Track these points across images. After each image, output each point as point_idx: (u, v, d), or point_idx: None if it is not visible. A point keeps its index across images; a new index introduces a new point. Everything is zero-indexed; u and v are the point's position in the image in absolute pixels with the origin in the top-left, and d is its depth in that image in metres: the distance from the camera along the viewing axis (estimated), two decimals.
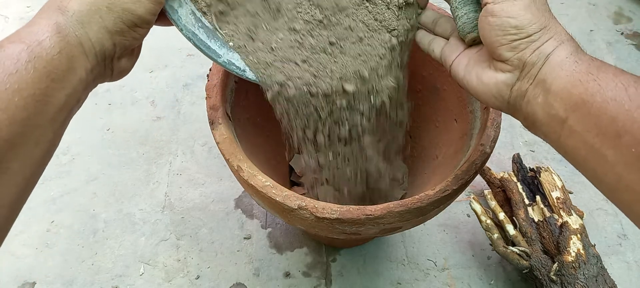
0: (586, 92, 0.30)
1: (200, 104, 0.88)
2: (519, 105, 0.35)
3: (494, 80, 0.36)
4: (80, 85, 0.34)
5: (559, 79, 0.32)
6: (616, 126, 0.29)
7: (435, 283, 0.67)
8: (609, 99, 0.29)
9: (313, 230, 0.51)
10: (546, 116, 0.33)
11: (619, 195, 0.30)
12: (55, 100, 0.32)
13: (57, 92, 0.32)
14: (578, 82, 0.31)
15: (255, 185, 0.46)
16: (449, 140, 0.61)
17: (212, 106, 0.52)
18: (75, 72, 0.33)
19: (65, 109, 0.33)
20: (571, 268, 0.58)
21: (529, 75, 0.34)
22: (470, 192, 0.76)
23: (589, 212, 0.74)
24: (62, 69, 0.32)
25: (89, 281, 0.66)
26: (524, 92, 0.34)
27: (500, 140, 0.53)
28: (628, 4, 1.11)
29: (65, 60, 0.32)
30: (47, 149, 0.33)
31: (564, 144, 0.33)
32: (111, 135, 0.84)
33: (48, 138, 0.32)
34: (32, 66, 0.30)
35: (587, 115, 0.30)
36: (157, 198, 0.75)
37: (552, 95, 0.32)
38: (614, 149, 0.29)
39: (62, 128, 0.34)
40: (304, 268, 0.68)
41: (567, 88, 0.31)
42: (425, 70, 0.64)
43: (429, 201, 0.45)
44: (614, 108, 0.29)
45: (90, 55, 0.34)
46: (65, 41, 0.32)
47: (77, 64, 0.33)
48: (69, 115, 0.34)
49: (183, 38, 0.44)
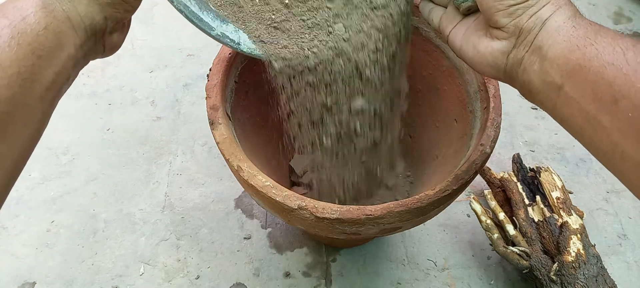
0: (583, 57, 0.30)
1: (200, 104, 0.88)
2: (516, 74, 0.35)
3: (490, 49, 0.35)
4: (69, 62, 0.32)
5: (555, 45, 0.31)
6: (613, 91, 0.28)
7: (435, 283, 0.67)
8: (606, 64, 0.29)
9: (313, 230, 0.51)
10: (542, 83, 0.33)
11: (614, 163, 0.30)
12: (42, 79, 0.30)
13: (44, 69, 0.30)
14: (575, 47, 0.30)
15: (255, 185, 0.46)
16: (449, 140, 0.61)
17: (212, 106, 0.52)
18: (63, 49, 0.32)
19: (54, 88, 0.32)
20: (571, 268, 0.58)
21: (525, 42, 0.33)
22: (470, 192, 0.76)
23: (589, 212, 0.74)
24: (49, 45, 0.30)
25: (89, 281, 0.66)
26: (520, 60, 0.34)
27: (500, 140, 0.53)
28: (628, 4, 1.11)
29: (52, 36, 0.31)
30: (36, 129, 0.32)
31: (560, 112, 0.32)
32: (111, 135, 0.84)
33: (36, 118, 0.31)
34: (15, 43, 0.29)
35: (584, 81, 0.30)
36: (157, 198, 0.75)
37: (548, 62, 0.32)
38: (610, 115, 0.28)
39: (51, 107, 0.33)
40: (304, 268, 0.68)
41: (563, 54, 0.31)
42: (425, 70, 0.64)
43: (429, 201, 0.45)
44: (611, 72, 0.28)
45: (79, 30, 0.33)
46: (51, 16, 0.31)
47: (65, 39, 0.32)
48: (59, 94, 0.33)
49: (183, 38, 0.43)
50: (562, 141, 0.84)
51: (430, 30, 0.61)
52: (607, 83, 0.28)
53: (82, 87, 0.90)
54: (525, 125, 0.87)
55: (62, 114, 0.86)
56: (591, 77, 0.29)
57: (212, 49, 0.98)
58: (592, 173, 0.80)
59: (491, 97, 0.52)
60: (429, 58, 0.62)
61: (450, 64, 0.60)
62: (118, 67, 0.94)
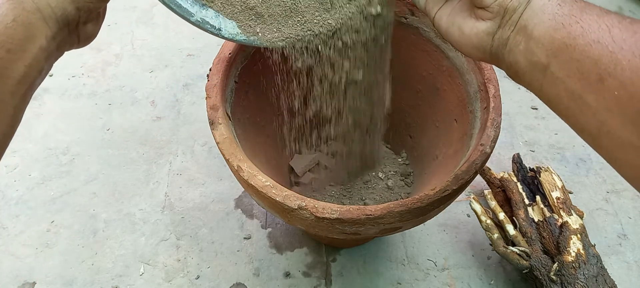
0: (569, 35, 0.29)
1: (200, 104, 0.88)
2: (502, 55, 0.34)
3: (475, 30, 0.35)
4: (41, 55, 0.31)
5: (540, 24, 0.31)
6: (599, 69, 0.28)
7: (435, 283, 0.67)
8: (591, 42, 0.28)
9: (313, 230, 0.51)
10: (528, 64, 0.32)
11: (600, 142, 0.29)
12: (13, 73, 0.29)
13: (14, 63, 0.29)
14: (560, 25, 0.30)
15: (255, 185, 0.46)
16: (449, 140, 0.61)
17: (212, 106, 0.52)
18: (34, 41, 0.31)
19: (26, 81, 0.31)
20: (571, 268, 0.58)
21: (510, 22, 0.33)
22: (470, 192, 0.76)
23: (589, 212, 0.74)
24: (18, 38, 0.30)
25: (89, 281, 0.66)
26: (505, 41, 0.33)
27: (500, 140, 0.53)
28: (628, 4, 1.11)
29: (22, 29, 0.30)
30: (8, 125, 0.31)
31: (546, 92, 0.32)
32: (111, 135, 0.84)
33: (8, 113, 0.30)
34: None
35: (569, 60, 0.29)
36: (157, 198, 0.75)
37: (533, 41, 0.31)
38: (596, 94, 0.28)
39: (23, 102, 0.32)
40: (304, 268, 0.68)
41: (548, 32, 0.30)
42: (425, 70, 0.64)
43: (429, 201, 0.45)
44: (597, 51, 0.28)
45: (50, 22, 0.32)
46: (20, 8, 0.30)
47: (35, 31, 0.31)
48: (31, 88, 0.32)
49: (183, 38, 0.43)
50: (562, 141, 0.84)
51: (431, 30, 0.61)
52: (592, 61, 0.28)
53: (82, 87, 0.90)
54: (525, 125, 0.87)
55: (62, 114, 0.86)
56: (576, 55, 0.29)
57: (212, 48, 0.98)
58: (592, 173, 0.80)
59: (491, 97, 0.52)
60: (429, 58, 0.62)
61: (450, 64, 0.60)
62: (118, 67, 0.94)
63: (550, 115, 0.88)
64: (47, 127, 0.83)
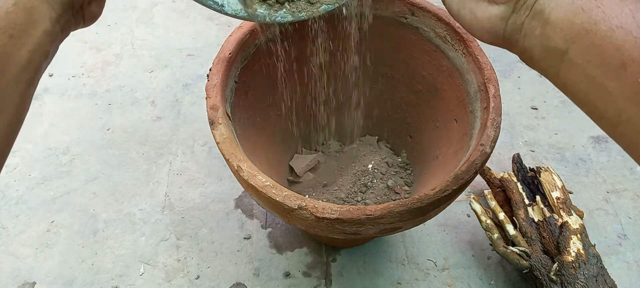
0: (589, 20, 0.28)
1: (200, 104, 0.88)
2: (515, 40, 0.33)
3: (487, 14, 0.34)
4: (45, 39, 0.30)
5: (558, 8, 0.30)
6: (621, 56, 0.27)
7: (435, 283, 0.67)
8: (614, 27, 0.27)
9: (313, 230, 0.51)
10: (544, 49, 0.31)
11: (619, 130, 0.29)
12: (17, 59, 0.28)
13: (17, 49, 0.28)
14: (580, 10, 0.29)
15: (255, 185, 0.46)
16: (449, 140, 0.61)
17: (212, 106, 0.52)
18: (37, 25, 0.30)
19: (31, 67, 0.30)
20: (571, 268, 0.58)
21: (525, 6, 0.31)
22: (470, 192, 0.76)
23: (589, 212, 0.74)
24: (21, 22, 0.29)
25: (89, 281, 0.66)
26: (520, 26, 0.32)
27: (500, 140, 0.53)
28: None
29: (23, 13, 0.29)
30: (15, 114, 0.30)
31: (563, 78, 0.31)
32: (111, 135, 0.84)
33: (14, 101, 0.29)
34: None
35: (590, 46, 0.28)
36: (157, 198, 0.75)
37: (550, 27, 0.30)
38: (617, 80, 0.27)
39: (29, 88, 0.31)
40: (304, 268, 0.68)
41: (567, 17, 0.29)
42: (425, 70, 0.64)
43: (429, 201, 0.45)
44: (620, 36, 0.27)
45: (54, 3, 0.31)
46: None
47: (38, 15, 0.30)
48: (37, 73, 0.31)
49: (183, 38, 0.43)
50: (562, 141, 0.84)
51: (430, 30, 0.61)
52: (615, 47, 0.27)
53: (82, 87, 0.90)
54: (525, 125, 0.87)
55: (62, 114, 0.86)
56: (598, 41, 0.28)
57: (212, 48, 0.98)
58: (592, 173, 0.80)
59: (491, 97, 0.52)
60: (429, 58, 0.62)
61: (450, 64, 0.60)
62: (118, 67, 0.94)
63: (550, 115, 0.88)
64: (47, 127, 0.83)
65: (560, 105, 0.89)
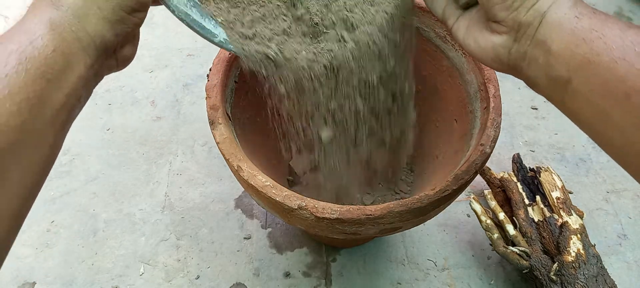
0: (591, 51, 0.29)
1: (200, 104, 0.88)
2: (520, 68, 0.33)
3: (490, 43, 0.34)
4: (80, 83, 0.32)
5: (559, 39, 0.30)
6: (625, 87, 0.27)
7: (435, 283, 0.67)
8: (617, 59, 0.28)
9: (313, 230, 0.51)
10: (548, 78, 0.31)
11: (627, 159, 0.29)
12: (53, 102, 0.30)
13: (54, 92, 0.30)
14: (581, 41, 0.29)
15: (255, 185, 0.46)
16: (449, 140, 0.61)
17: (212, 106, 0.52)
18: (72, 70, 0.31)
19: (65, 110, 0.31)
20: (571, 268, 0.58)
21: (526, 36, 0.32)
22: (470, 192, 0.76)
23: (589, 212, 0.74)
24: (58, 67, 0.30)
25: (89, 281, 0.66)
26: (523, 55, 0.33)
27: (500, 140, 0.53)
28: (628, 4, 1.11)
29: (61, 58, 0.30)
30: (49, 153, 0.31)
31: (569, 107, 0.31)
32: (111, 135, 0.84)
33: (48, 142, 0.31)
34: (23, 68, 0.28)
35: (593, 76, 0.29)
36: (157, 198, 0.75)
37: (553, 57, 0.31)
38: (622, 110, 0.28)
39: (63, 129, 0.32)
40: (304, 268, 0.68)
41: (569, 47, 0.30)
42: (425, 70, 0.64)
43: (429, 201, 0.45)
44: (623, 69, 0.27)
45: (89, 50, 0.32)
46: (60, 38, 0.30)
47: (74, 60, 0.31)
48: (71, 116, 0.32)
49: (183, 38, 0.43)
50: (562, 141, 0.84)
51: (430, 30, 0.61)
52: (618, 79, 0.27)
53: None
54: (525, 125, 0.87)
55: None
56: (601, 71, 0.28)
57: (212, 48, 0.98)
58: (592, 173, 0.80)
59: (491, 97, 0.52)
60: (429, 58, 0.62)
61: (450, 64, 0.60)
62: None
63: (550, 115, 0.88)
64: None
65: None
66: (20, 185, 0.29)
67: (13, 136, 0.27)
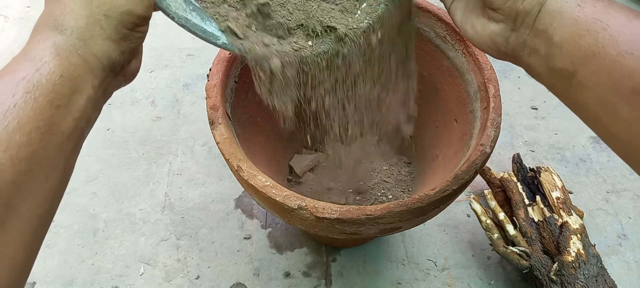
0: (596, 44, 0.27)
1: (200, 104, 0.88)
2: (520, 56, 0.32)
3: (487, 30, 0.33)
4: (88, 105, 0.31)
5: (561, 29, 0.29)
6: (633, 82, 0.26)
7: (435, 283, 0.67)
8: (624, 52, 0.26)
9: (313, 230, 0.51)
10: (550, 70, 0.30)
11: (634, 154, 0.28)
12: (62, 128, 0.29)
13: (63, 118, 0.29)
14: (585, 32, 0.28)
15: (255, 185, 0.46)
16: (449, 140, 0.61)
17: (212, 106, 0.52)
18: (81, 93, 0.30)
19: (75, 134, 0.30)
20: (571, 268, 0.58)
21: (524, 24, 0.31)
22: (470, 192, 0.76)
23: (589, 212, 0.74)
24: (66, 93, 0.29)
25: (89, 281, 0.66)
26: (522, 44, 0.31)
27: (500, 140, 0.53)
28: (628, 4, 1.11)
29: (69, 83, 0.29)
30: (60, 179, 0.31)
31: (572, 99, 0.30)
32: (111, 135, 0.84)
33: (59, 168, 0.30)
34: (31, 97, 0.27)
35: (599, 69, 0.27)
36: (157, 198, 0.75)
37: (555, 47, 0.29)
38: (629, 106, 0.26)
39: (73, 153, 0.31)
40: (304, 268, 0.68)
41: (572, 39, 0.28)
42: (425, 70, 0.64)
43: (429, 201, 0.45)
44: (630, 63, 0.26)
45: (97, 71, 0.31)
46: (67, 62, 0.29)
47: (82, 84, 0.30)
48: (80, 139, 0.32)
49: (183, 38, 0.43)
50: (562, 141, 0.84)
51: (430, 30, 0.61)
52: (625, 73, 0.26)
53: None
54: (525, 125, 0.87)
55: None
56: (607, 65, 0.27)
57: (212, 48, 0.98)
58: (592, 173, 0.80)
59: (491, 97, 0.52)
60: (429, 58, 0.62)
61: (450, 64, 0.60)
62: None
63: (550, 115, 0.88)
64: None
65: (560, 105, 0.89)
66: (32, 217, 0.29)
67: (23, 167, 0.27)
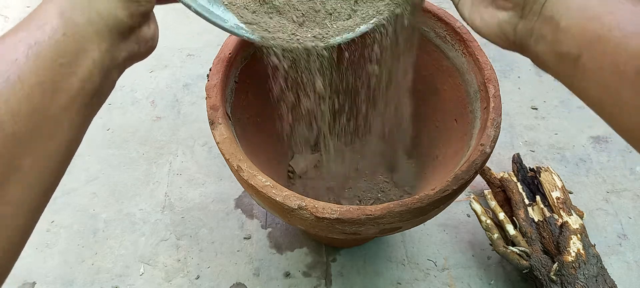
0: (602, 27, 0.28)
1: (200, 104, 0.88)
2: (527, 45, 0.33)
3: (496, 19, 0.34)
4: (95, 68, 0.31)
5: (568, 14, 0.29)
6: (636, 63, 0.26)
7: (435, 283, 0.67)
8: (629, 34, 0.27)
9: (313, 230, 0.51)
10: (557, 55, 0.31)
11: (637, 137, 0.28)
12: (66, 87, 0.29)
13: (67, 77, 0.29)
14: (591, 16, 0.28)
15: (255, 185, 0.46)
16: (449, 140, 0.61)
17: (212, 106, 0.52)
18: (86, 54, 0.30)
19: (80, 96, 0.30)
20: (571, 268, 0.58)
21: (532, 12, 0.31)
22: (470, 192, 0.76)
23: (589, 212, 0.74)
24: (70, 51, 0.29)
25: (89, 281, 0.66)
26: (530, 31, 0.32)
27: (500, 140, 0.53)
28: None
29: (73, 42, 0.29)
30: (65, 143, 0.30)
31: (578, 85, 0.30)
32: (111, 135, 0.84)
33: (63, 130, 0.29)
34: (33, 52, 0.27)
35: (603, 53, 0.28)
36: (157, 198, 0.75)
37: (562, 33, 0.30)
38: (633, 89, 0.27)
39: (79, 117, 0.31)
40: (304, 268, 0.68)
41: (579, 23, 0.29)
42: (425, 70, 0.64)
43: (429, 201, 0.45)
44: (635, 44, 0.26)
45: (103, 33, 0.31)
46: (71, 21, 0.29)
47: (87, 44, 0.30)
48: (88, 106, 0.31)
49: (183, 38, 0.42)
50: (562, 141, 0.84)
51: (430, 30, 0.61)
52: (630, 55, 0.26)
53: None
54: (525, 125, 0.87)
55: None
56: (611, 48, 0.27)
57: (212, 48, 0.98)
58: (592, 173, 0.80)
59: (491, 97, 0.52)
60: (429, 58, 0.62)
61: (450, 64, 0.60)
62: None
63: (550, 115, 0.88)
64: None
65: (560, 105, 0.89)
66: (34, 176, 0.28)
67: (26, 122, 0.26)
